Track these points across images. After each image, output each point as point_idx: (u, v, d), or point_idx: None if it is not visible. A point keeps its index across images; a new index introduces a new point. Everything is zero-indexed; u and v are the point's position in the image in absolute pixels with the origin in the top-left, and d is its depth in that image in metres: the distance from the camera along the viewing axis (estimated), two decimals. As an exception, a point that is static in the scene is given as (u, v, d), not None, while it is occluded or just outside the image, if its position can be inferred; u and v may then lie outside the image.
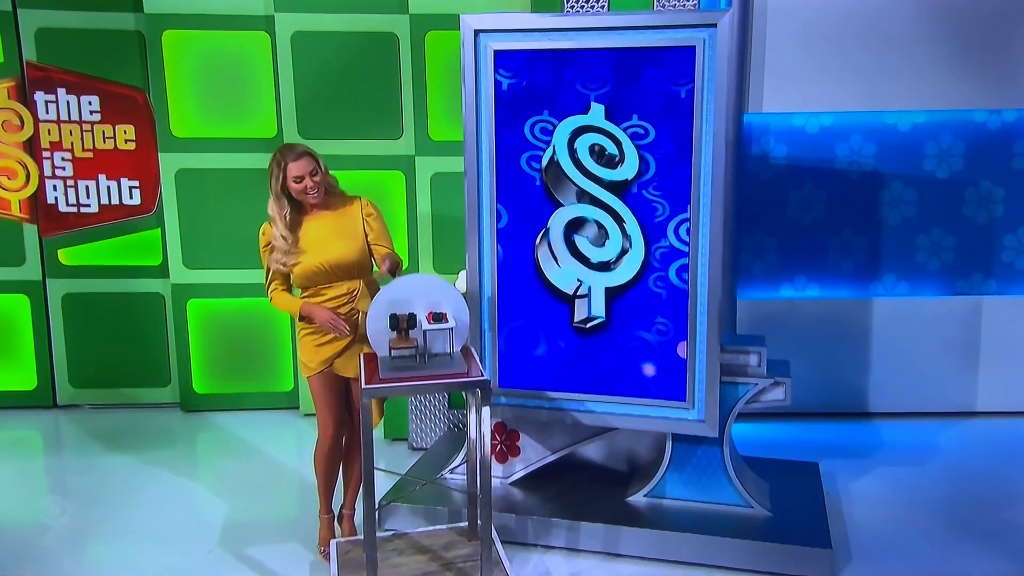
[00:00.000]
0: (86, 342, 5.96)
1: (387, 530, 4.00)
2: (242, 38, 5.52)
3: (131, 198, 5.81)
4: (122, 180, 5.79)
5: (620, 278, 3.89)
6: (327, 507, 3.93)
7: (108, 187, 5.79)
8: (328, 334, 3.65)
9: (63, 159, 5.74)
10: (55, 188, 5.77)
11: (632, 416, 3.99)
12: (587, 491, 4.18)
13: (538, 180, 3.93)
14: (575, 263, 3.93)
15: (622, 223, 3.85)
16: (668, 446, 4.02)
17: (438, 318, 3.37)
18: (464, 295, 3.64)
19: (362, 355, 3.58)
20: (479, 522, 3.47)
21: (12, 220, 5.82)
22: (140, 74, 5.67)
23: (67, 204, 5.80)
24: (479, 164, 3.97)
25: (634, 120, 3.75)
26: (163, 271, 5.86)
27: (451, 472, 4.27)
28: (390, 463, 4.71)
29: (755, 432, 5.28)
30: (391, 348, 3.36)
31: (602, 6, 4.36)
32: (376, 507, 3.52)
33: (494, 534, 3.63)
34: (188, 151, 5.62)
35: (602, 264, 3.91)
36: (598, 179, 3.84)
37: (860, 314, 5.49)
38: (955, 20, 5.17)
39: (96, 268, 5.89)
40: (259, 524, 4.27)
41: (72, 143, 5.73)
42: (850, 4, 5.17)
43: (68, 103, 5.68)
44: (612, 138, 3.80)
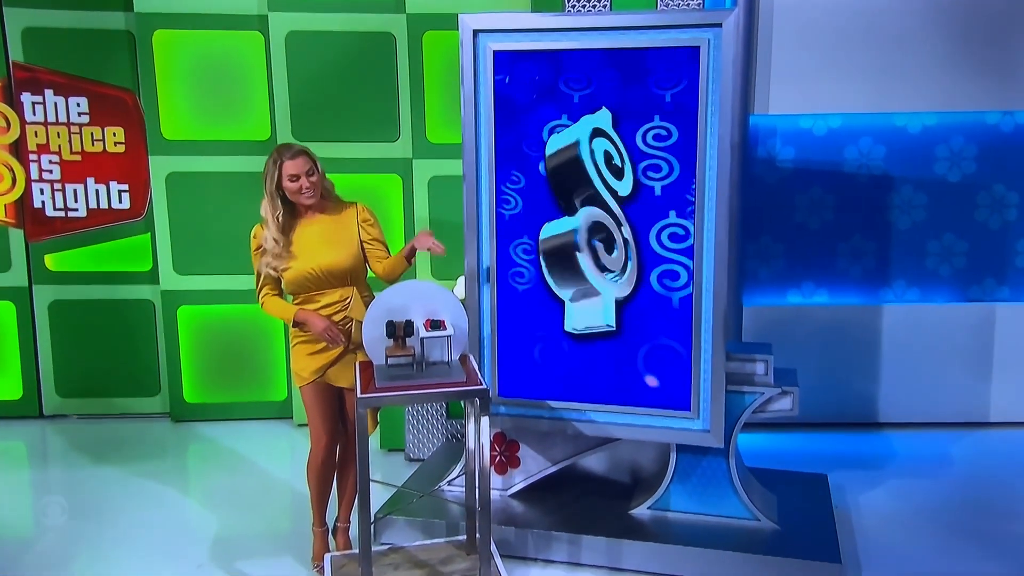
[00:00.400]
0: (73, 350, 5.91)
1: (383, 544, 3.97)
2: (235, 38, 5.49)
3: (120, 202, 5.76)
4: (111, 184, 5.73)
5: (627, 286, 3.85)
6: (321, 520, 3.90)
7: (97, 191, 5.73)
8: (320, 342, 3.60)
9: (50, 162, 5.68)
10: (42, 192, 5.71)
11: (635, 426, 3.96)
12: (589, 504, 4.16)
13: (541, 184, 3.88)
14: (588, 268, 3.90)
15: (622, 227, 3.82)
16: (672, 457, 4.00)
17: (436, 325, 3.36)
18: (463, 301, 3.67)
19: (357, 363, 3.54)
20: (478, 535, 3.47)
21: (-2, 224, 5.79)
22: (130, 75, 5.63)
23: (54, 208, 5.74)
24: (478, 167, 3.95)
25: (656, 121, 3.68)
26: (153, 277, 5.80)
27: (449, 484, 4.24)
28: (386, 475, 4.70)
29: (762, 443, 5.25)
30: (387, 356, 3.34)
31: (604, 5, 4.34)
32: (372, 520, 3.51)
33: (493, 548, 3.64)
34: (179, 154, 5.58)
35: (609, 271, 3.88)
36: (608, 186, 3.81)
37: (869, 321, 5.44)
38: (966, 19, 5.14)
39: (84, 274, 5.84)
40: (251, 538, 4.24)
41: (60, 145, 5.67)
42: (858, 3, 5.15)
43: (56, 104, 5.62)
44: (615, 145, 3.77)
